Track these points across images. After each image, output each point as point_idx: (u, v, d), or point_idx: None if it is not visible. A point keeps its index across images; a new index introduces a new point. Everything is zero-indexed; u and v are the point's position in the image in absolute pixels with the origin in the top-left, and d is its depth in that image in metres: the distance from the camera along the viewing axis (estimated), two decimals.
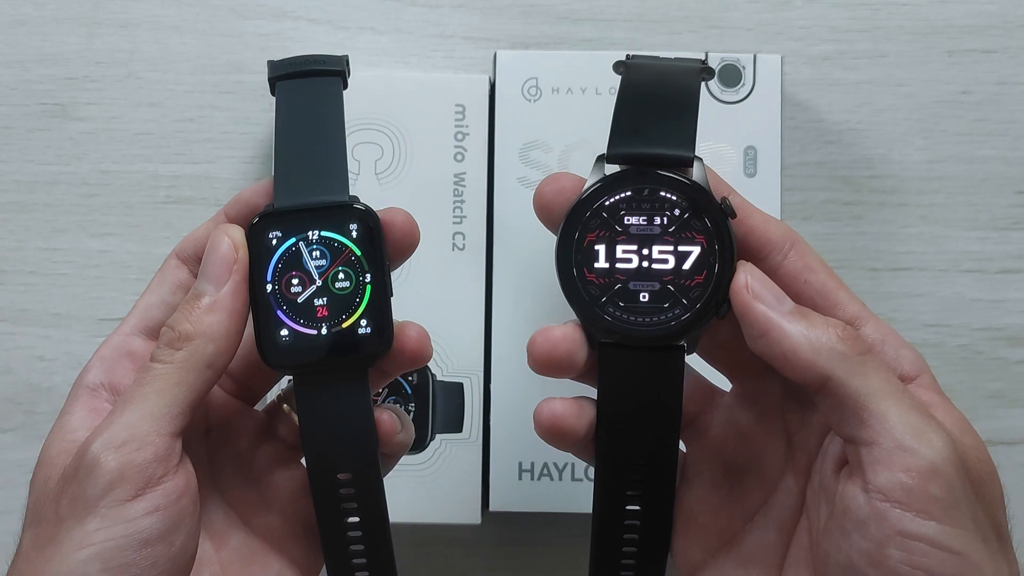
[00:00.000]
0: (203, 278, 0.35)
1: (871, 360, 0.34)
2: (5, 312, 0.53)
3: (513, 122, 0.48)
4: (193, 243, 0.38)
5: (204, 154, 0.53)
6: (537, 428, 0.36)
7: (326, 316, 0.35)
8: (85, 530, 0.31)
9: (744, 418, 0.38)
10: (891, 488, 0.32)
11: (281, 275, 0.35)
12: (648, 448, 0.36)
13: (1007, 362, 0.53)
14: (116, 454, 0.32)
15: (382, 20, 0.53)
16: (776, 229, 0.36)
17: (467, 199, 0.48)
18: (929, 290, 0.53)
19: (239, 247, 0.35)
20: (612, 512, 0.37)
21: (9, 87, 0.53)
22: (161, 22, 0.53)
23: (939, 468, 0.32)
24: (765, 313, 0.34)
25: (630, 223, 0.36)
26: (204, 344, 0.34)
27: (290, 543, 0.38)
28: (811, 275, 0.36)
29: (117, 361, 0.37)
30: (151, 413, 0.33)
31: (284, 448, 0.39)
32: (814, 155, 0.53)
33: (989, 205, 0.53)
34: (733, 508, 0.38)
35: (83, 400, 0.36)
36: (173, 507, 0.32)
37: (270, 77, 0.38)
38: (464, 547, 0.52)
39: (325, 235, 0.35)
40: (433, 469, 0.47)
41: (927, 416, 0.33)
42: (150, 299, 0.37)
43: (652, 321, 0.35)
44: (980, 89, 0.53)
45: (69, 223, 0.53)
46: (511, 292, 0.48)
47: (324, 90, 0.37)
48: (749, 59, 0.48)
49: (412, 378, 0.48)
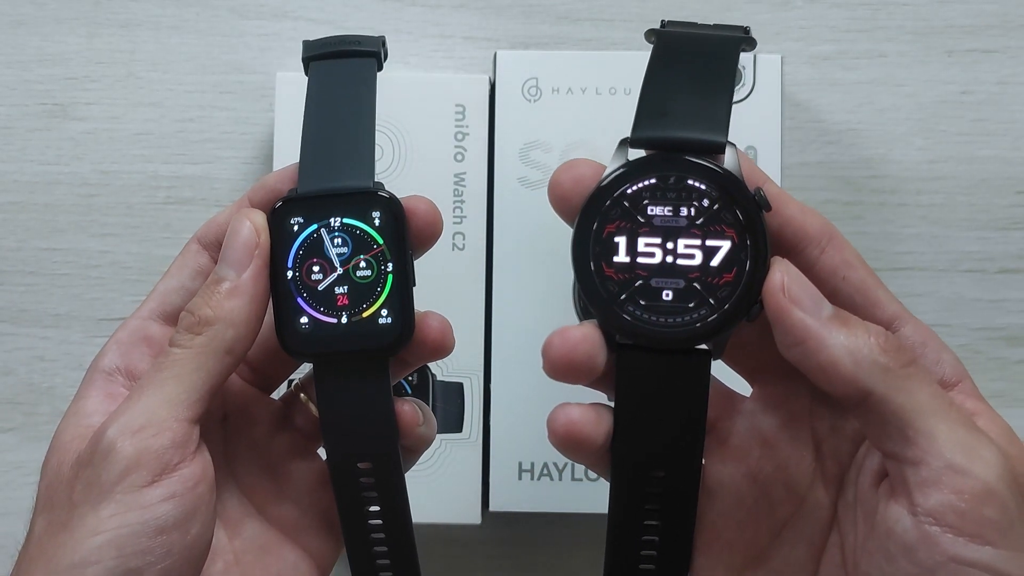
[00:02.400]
0: (224, 263, 0.34)
1: (915, 373, 0.32)
2: (5, 312, 0.53)
3: (513, 122, 0.48)
4: (215, 228, 0.37)
5: (204, 154, 0.53)
6: (551, 436, 0.34)
7: (347, 305, 0.34)
8: (99, 516, 0.31)
9: (768, 425, 0.36)
10: (942, 512, 0.30)
11: (302, 262, 0.34)
12: (669, 460, 0.34)
13: (1007, 362, 0.53)
14: (133, 439, 0.31)
15: (382, 20, 0.53)
16: (814, 221, 0.34)
17: (467, 199, 0.48)
18: (929, 290, 0.53)
19: (261, 231, 0.34)
20: (628, 528, 0.35)
21: (9, 87, 0.53)
22: (161, 22, 0.53)
23: (993, 488, 0.30)
24: (803, 320, 0.31)
25: (654, 214, 0.33)
26: (224, 329, 0.33)
27: (306, 533, 0.37)
28: (849, 271, 0.34)
29: (134, 345, 0.36)
30: (169, 398, 0.32)
31: (301, 438, 0.38)
32: (814, 155, 0.53)
33: (989, 205, 0.53)
34: (759, 523, 0.35)
35: (98, 384, 0.35)
36: (190, 494, 0.32)
37: (304, 57, 0.37)
38: (464, 547, 0.52)
39: (348, 222, 0.34)
40: (433, 469, 0.47)
41: (976, 431, 0.31)
42: (169, 283, 0.37)
43: (675, 322, 0.33)
44: (980, 89, 0.53)
45: (69, 223, 0.53)
46: (511, 292, 0.48)
47: (358, 72, 0.37)
48: (749, 59, 0.48)
49: (412, 378, 0.48)
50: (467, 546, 0.52)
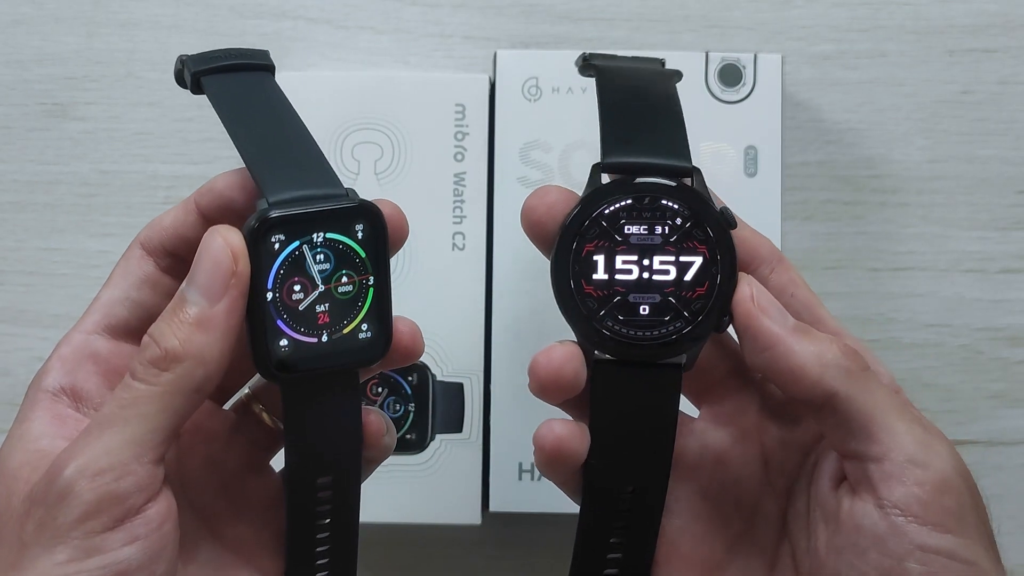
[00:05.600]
0: (193, 286, 0.31)
1: (872, 376, 0.34)
2: (4, 313, 0.52)
3: (513, 122, 0.48)
4: (160, 232, 0.35)
5: (204, 154, 0.53)
6: (538, 454, 0.35)
7: (327, 323, 0.33)
8: (54, 560, 0.29)
9: (719, 442, 0.37)
10: (907, 503, 0.32)
11: (283, 282, 0.32)
12: (640, 475, 0.35)
13: (1008, 362, 0.53)
14: (93, 483, 0.29)
15: (382, 20, 0.53)
16: (764, 243, 0.36)
17: (467, 199, 0.48)
18: (930, 290, 0.53)
19: (239, 258, 0.31)
20: (594, 545, 0.36)
21: (9, 87, 0.53)
22: (161, 22, 0.53)
23: (950, 480, 0.32)
24: (771, 327, 0.33)
25: (630, 232, 0.34)
26: (194, 368, 0.31)
27: (259, 554, 0.36)
28: (796, 290, 0.36)
29: (79, 363, 0.34)
30: (133, 439, 0.30)
31: (256, 451, 0.37)
32: (815, 155, 0.53)
33: (990, 205, 0.53)
34: (715, 536, 0.37)
35: (44, 405, 0.33)
36: (155, 535, 0.30)
37: (192, 71, 0.35)
38: (464, 547, 0.52)
39: (331, 237, 0.33)
40: (433, 469, 0.47)
41: (929, 428, 0.33)
42: (113, 293, 0.35)
43: (652, 335, 0.34)
44: (981, 89, 0.53)
45: (69, 223, 0.52)
46: (511, 292, 0.48)
47: (262, 83, 0.35)
48: (750, 59, 0.48)
49: (412, 378, 0.48)
50: (467, 546, 0.52)
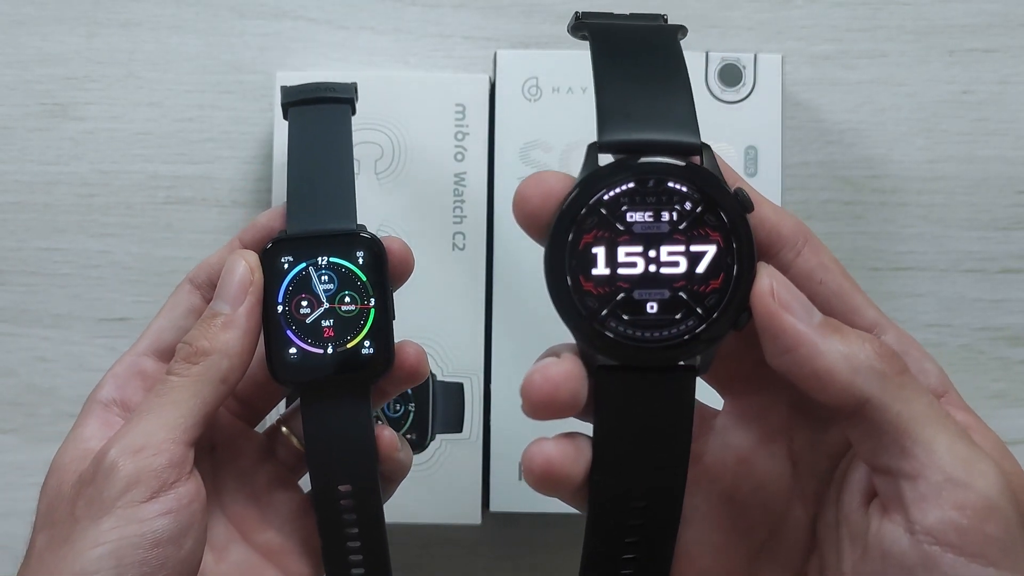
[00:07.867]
0: (219, 299, 0.36)
1: (911, 381, 0.30)
2: (5, 313, 0.53)
3: (513, 122, 0.48)
4: (207, 269, 0.39)
5: (204, 154, 0.53)
6: (527, 475, 0.31)
7: (332, 336, 0.37)
8: (100, 529, 0.32)
9: (743, 441, 0.34)
10: (942, 529, 0.28)
11: (291, 297, 0.37)
12: (652, 490, 0.31)
13: (1009, 362, 0.53)
14: (133, 459, 0.33)
15: (382, 20, 0.53)
16: (788, 222, 0.32)
17: (467, 199, 0.48)
18: (930, 290, 0.53)
19: (255, 270, 0.37)
20: (605, 564, 0.32)
21: (9, 87, 0.53)
22: (161, 22, 0.53)
23: (994, 503, 0.28)
24: (794, 326, 0.29)
25: (633, 220, 0.30)
26: (219, 359, 0.35)
27: (288, 558, 0.39)
28: (826, 275, 0.32)
29: (129, 379, 0.38)
30: (167, 422, 0.34)
31: (283, 470, 0.40)
32: (815, 155, 0.53)
33: (990, 205, 0.53)
34: (736, 547, 0.34)
35: (96, 414, 0.37)
36: (184, 511, 0.34)
37: (283, 103, 0.40)
38: (464, 547, 0.52)
39: (334, 261, 0.37)
40: (433, 469, 0.47)
41: (974, 444, 0.29)
42: (162, 323, 0.39)
43: (662, 336, 0.30)
44: (981, 89, 0.53)
45: (69, 223, 0.53)
46: (511, 292, 0.48)
47: (334, 116, 0.40)
48: (750, 59, 0.48)
49: None
50: (467, 546, 0.52)
